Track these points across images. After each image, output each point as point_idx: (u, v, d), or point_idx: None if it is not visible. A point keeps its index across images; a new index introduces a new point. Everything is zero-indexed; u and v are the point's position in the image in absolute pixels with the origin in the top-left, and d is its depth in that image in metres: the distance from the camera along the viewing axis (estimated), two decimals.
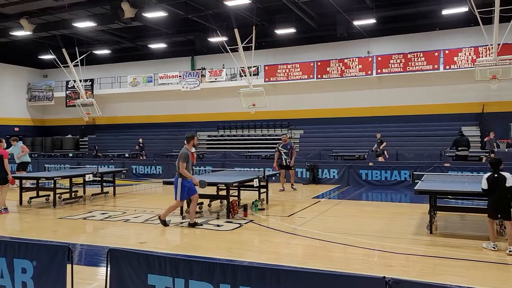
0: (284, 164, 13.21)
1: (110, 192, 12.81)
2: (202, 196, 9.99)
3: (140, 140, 25.26)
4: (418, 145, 22.66)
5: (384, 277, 3.14)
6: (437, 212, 8.29)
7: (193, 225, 8.32)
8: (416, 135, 23.83)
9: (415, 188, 7.78)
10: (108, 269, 3.97)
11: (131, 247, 6.69)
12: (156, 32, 27.14)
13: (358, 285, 3.33)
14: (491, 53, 17.83)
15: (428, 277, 5.28)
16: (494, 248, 6.45)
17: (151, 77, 30.38)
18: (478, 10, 16.07)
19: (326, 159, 20.11)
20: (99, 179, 12.52)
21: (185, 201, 8.84)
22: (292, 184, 13.44)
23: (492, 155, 17.07)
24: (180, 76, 29.36)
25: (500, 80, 17.54)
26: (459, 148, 15.88)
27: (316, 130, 26.82)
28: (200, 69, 29.45)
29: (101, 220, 9.27)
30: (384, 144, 19.04)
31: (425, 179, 9.17)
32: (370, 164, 15.90)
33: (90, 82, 31.39)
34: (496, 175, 6.54)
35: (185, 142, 8.63)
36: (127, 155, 24.34)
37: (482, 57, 20.48)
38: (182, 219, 9.06)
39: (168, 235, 7.98)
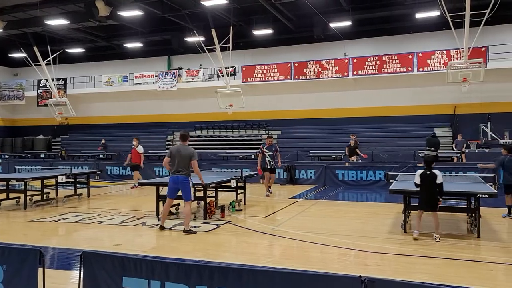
0: (268, 167, 12.59)
1: (84, 194, 12.54)
2: (179, 197, 9.90)
3: (103, 141, 25.21)
4: (392, 145, 23.09)
5: (360, 276, 3.18)
6: (411, 211, 8.47)
7: (189, 231, 7.86)
8: (390, 136, 24.28)
9: (389, 188, 7.93)
10: (81, 272, 3.88)
11: (105, 249, 6.56)
12: (131, 31, 26.75)
13: (334, 285, 3.36)
14: (462, 57, 18.38)
15: (402, 275, 5.37)
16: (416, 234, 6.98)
17: (127, 76, 29.91)
18: (450, 15, 16.52)
19: (303, 160, 20.26)
20: (73, 180, 12.23)
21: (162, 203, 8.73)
22: (269, 187, 12.83)
23: (463, 155, 17.59)
24: (156, 76, 29.01)
25: (471, 82, 18.08)
26: (427, 149, 16.29)
27: (294, 130, 26.98)
28: (176, 69, 29.19)
29: (74, 222, 9.05)
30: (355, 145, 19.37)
31: (399, 179, 9.34)
32: (346, 164, 16.12)
33: (63, 81, 30.63)
34: (428, 172, 7.05)
35: (182, 140, 8.26)
36: (101, 156, 23.90)
37: (453, 60, 21.07)
38: (158, 220, 8.94)
39: (144, 237, 7.86)
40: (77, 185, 12.54)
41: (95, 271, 3.89)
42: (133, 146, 14.67)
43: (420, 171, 7.21)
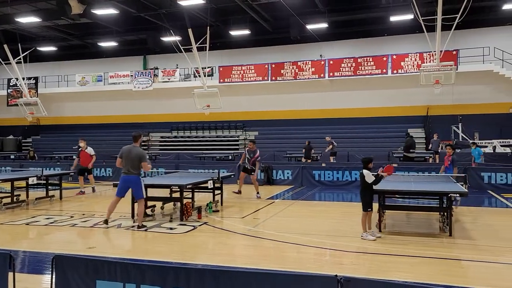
0: (246, 167, 12.52)
1: (56, 196, 12.23)
2: (155, 198, 9.79)
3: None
4: (368, 146, 23.47)
5: (336, 275, 3.20)
6: (386, 210, 8.62)
7: (141, 227, 8.23)
8: (366, 137, 24.68)
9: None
10: (53, 276, 3.78)
11: (78, 252, 6.41)
12: (106, 30, 26.28)
13: (311, 284, 3.38)
14: (434, 59, 18.85)
15: (376, 274, 5.46)
16: (374, 237, 7.14)
17: (101, 76, 29.38)
18: (423, 18, 16.92)
19: (281, 160, 20.34)
20: (44, 182, 11.90)
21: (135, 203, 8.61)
22: (257, 193, 12.42)
23: (437, 155, 18.02)
24: (131, 75, 28.61)
25: (443, 84, 18.57)
26: (410, 151, 16.63)
27: (271, 131, 27.07)
28: (152, 69, 28.85)
29: (45, 225, 8.81)
30: (331, 146, 19.63)
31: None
32: (323, 165, 16.27)
33: (34, 80, 29.84)
34: (361, 172, 7.36)
35: (133, 140, 8.50)
36: (75, 157, 23.33)
37: (426, 62, 21.60)
38: (134, 222, 8.81)
39: (119, 240, 7.72)
40: (49, 187, 12.20)
41: (68, 275, 3.80)
42: (80, 149, 13.59)
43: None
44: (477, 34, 23.65)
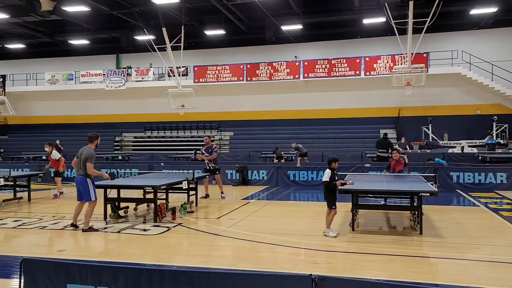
0: (207, 168, 12.09)
1: (25, 198, 11.85)
2: (128, 200, 9.63)
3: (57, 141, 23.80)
4: (341, 146, 23.82)
5: (311, 274, 3.24)
6: (359, 210, 8.76)
7: (88, 230, 8.00)
8: (339, 137, 25.05)
9: (338, 187, 8.14)
10: (22, 281, 3.66)
11: (48, 256, 6.24)
12: (77, 28, 25.68)
13: (286, 284, 3.40)
14: (406, 62, 19.30)
15: (350, 272, 5.54)
16: (335, 234, 7.38)
17: (72, 74, 28.70)
18: (394, 21, 17.31)
19: (256, 161, 20.38)
20: (12, 183, 11.51)
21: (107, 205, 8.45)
22: (222, 192, 12.21)
23: (404, 156, 18.48)
24: (104, 74, 28.06)
25: (414, 86, 19.03)
26: (379, 150, 16.94)
27: (246, 131, 27.09)
28: (125, 68, 28.39)
29: (13, 228, 8.53)
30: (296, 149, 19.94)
31: (348, 179, 9.62)
32: (298, 165, 16.40)
33: (1, 79, 28.87)
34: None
35: (88, 141, 8.31)
36: (44, 157, 22.68)
37: (398, 65, 22.12)
38: (106, 224, 8.64)
39: (90, 242, 7.55)
40: (17, 189, 11.81)
41: (37, 279, 3.69)
42: (47, 153, 13.06)
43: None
44: (446, 38, 24.39)
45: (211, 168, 12.01)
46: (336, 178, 7.68)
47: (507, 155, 18.36)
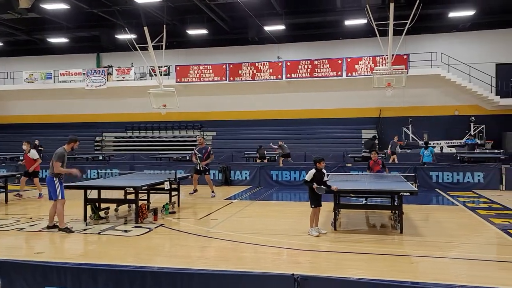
0: (198, 168, 12.39)
1: (1, 199, 11.55)
2: (109, 200, 9.49)
3: (36, 142, 23.26)
4: (323, 146, 24.01)
5: (293, 274, 3.24)
6: (341, 209, 8.83)
7: (64, 229, 7.94)
8: (322, 137, 25.23)
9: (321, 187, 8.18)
10: None
11: (25, 258, 6.09)
12: (56, 26, 25.20)
13: (268, 284, 3.40)
14: (386, 63, 19.57)
15: (332, 271, 5.58)
16: (318, 233, 7.44)
17: (51, 73, 28.14)
18: (375, 23, 17.52)
19: (238, 161, 20.35)
20: None
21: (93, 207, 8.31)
22: (212, 191, 12.48)
23: (394, 156, 18.70)
24: (84, 73, 27.61)
25: (394, 87, 19.31)
26: (364, 150, 17.18)
27: (229, 132, 27.04)
28: (106, 67, 27.99)
29: None
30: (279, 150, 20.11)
31: (330, 179, 9.69)
32: (280, 165, 16.45)
33: None
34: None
35: (66, 143, 8.29)
36: (22, 158, 22.16)
37: (379, 66, 22.40)
38: (86, 225, 8.49)
39: (69, 244, 7.41)
40: None
41: (14, 281, 3.60)
42: (24, 152, 12.77)
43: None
44: (426, 40, 24.83)
45: (201, 169, 12.34)
46: (324, 179, 7.68)
47: (484, 155, 18.79)
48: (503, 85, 23.65)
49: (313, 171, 7.64)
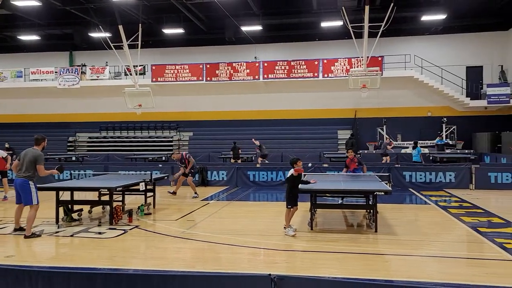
0: (184, 172, 12.82)
1: None
2: (82, 202, 9.29)
3: (7, 145, 22.52)
4: (300, 146, 24.20)
5: (270, 274, 3.24)
6: (317, 209, 8.91)
7: (30, 236, 7.53)
8: (298, 138, 25.41)
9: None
10: None
11: None
12: (27, 23, 24.51)
13: (245, 284, 3.39)
14: (362, 65, 19.87)
15: (309, 270, 5.62)
16: (294, 232, 7.49)
17: (21, 71, 27.34)
18: (351, 25, 17.78)
19: (215, 161, 20.27)
20: None
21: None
22: (195, 193, 12.64)
23: (385, 157, 18.90)
24: (56, 72, 26.95)
25: (369, 89, 19.63)
26: (347, 149, 17.37)
27: (206, 132, 26.90)
28: (80, 66, 27.40)
29: None
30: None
31: (307, 179, 9.77)
32: (257, 165, 16.47)
33: None
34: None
35: (35, 143, 7.96)
36: None
37: (354, 67, 22.73)
38: (58, 228, 8.29)
39: (41, 247, 7.21)
40: None
41: None
42: None
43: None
44: (400, 42, 25.35)
45: (186, 172, 12.63)
46: (303, 179, 7.82)
47: (455, 155, 19.32)
48: (473, 87, 24.39)
49: (292, 171, 7.68)
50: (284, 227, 7.70)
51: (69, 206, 8.90)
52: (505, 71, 24.34)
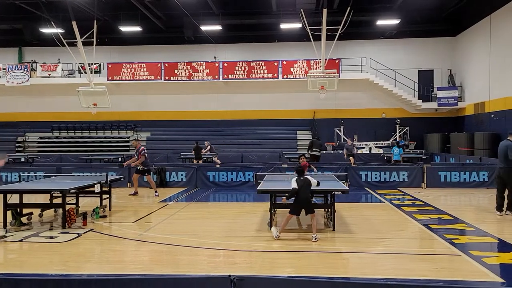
0: (138, 169, 12.70)
1: None
2: (32, 205, 8.85)
3: None
4: (260, 147, 24.31)
5: (230, 275, 3.21)
6: (277, 209, 8.96)
7: None
8: (259, 138, 25.52)
9: (257, 188, 8.28)
10: None
11: None
12: None
13: (205, 286, 3.35)
14: (320, 67, 20.25)
15: (268, 270, 5.64)
16: (277, 236, 7.27)
17: None
18: (310, 27, 18.08)
19: (175, 162, 19.96)
20: None
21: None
22: (156, 191, 12.62)
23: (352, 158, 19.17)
24: (4, 69, 25.57)
25: (327, 90, 20.03)
26: (314, 149, 17.55)
27: (164, 132, 26.44)
28: (29, 63, 26.15)
29: None
30: (208, 148, 20.24)
31: (267, 179, 9.82)
32: (217, 166, 16.37)
33: None
34: (302, 178, 7.46)
35: None
36: None
37: (313, 69, 23.12)
38: (6, 232, 7.84)
39: None
40: None
41: None
42: None
43: (294, 178, 7.52)
44: (356, 46, 26.06)
45: (140, 169, 12.62)
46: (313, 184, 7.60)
47: (408, 155, 20.07)
48: (425, 90, 25.48)
49: (294, 178, 7.46)
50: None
51: (18, 210, 8.44)
52: (453, 75, 25.62)
